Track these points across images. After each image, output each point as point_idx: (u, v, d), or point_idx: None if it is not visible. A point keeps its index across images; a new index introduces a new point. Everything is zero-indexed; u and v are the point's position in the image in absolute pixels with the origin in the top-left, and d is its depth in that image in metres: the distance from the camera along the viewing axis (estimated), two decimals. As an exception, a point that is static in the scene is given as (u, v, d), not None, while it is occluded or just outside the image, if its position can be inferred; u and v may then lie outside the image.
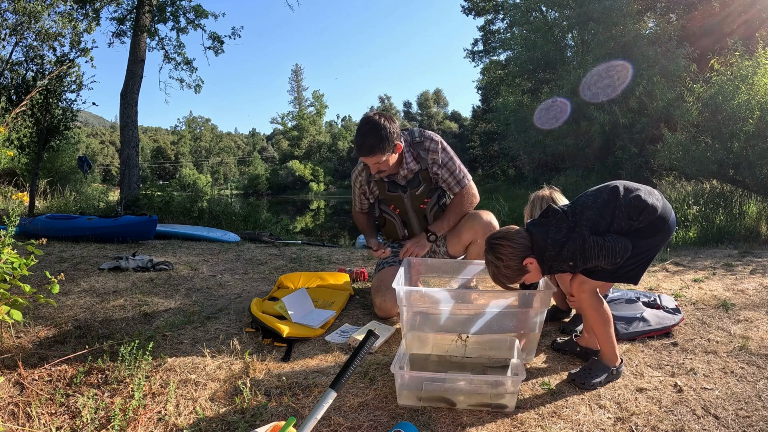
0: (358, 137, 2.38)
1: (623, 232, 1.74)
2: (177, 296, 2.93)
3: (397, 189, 2.61)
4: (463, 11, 28.18)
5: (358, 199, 2.79)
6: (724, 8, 12.42)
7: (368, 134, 2.33)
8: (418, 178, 2.60)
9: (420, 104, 53.00)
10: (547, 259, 1.76)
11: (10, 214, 1.91)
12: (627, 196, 1.75)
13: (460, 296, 2.07)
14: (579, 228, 1.72)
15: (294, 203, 34.11)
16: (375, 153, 2.34)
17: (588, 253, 1.70)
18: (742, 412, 1.67)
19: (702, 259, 4.15)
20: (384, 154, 2.36)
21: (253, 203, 10.12)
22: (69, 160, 11.14)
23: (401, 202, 2.64)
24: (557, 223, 1.76)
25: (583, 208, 1.77)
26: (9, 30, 7.65)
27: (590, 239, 1.70)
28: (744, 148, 5.78)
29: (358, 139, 2.38)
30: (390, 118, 2.39)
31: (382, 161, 2.38)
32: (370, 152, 2.35)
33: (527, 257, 1.77)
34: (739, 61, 6.40)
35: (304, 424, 1.28)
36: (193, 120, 71.20)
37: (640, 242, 1.75)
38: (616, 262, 1.72)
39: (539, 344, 2.14)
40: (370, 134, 2.33)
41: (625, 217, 1.73)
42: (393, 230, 2.76)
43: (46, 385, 1.77)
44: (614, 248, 1.69)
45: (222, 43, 10.61)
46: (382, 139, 2.32)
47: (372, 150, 2.33)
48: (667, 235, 1.79)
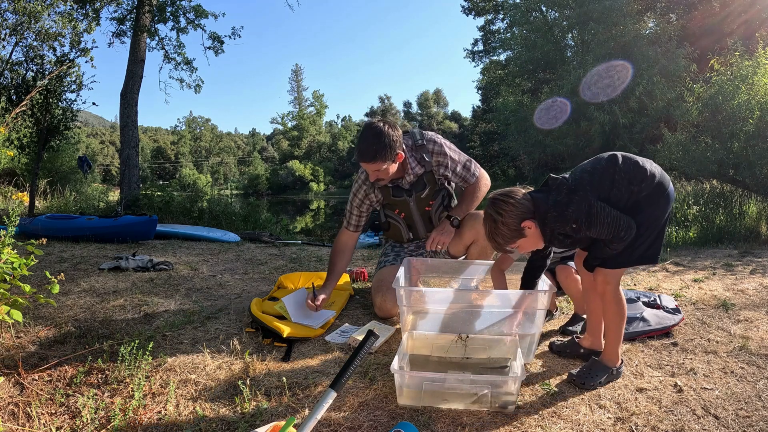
0: (360, 143, 2.37)
1: (623, 201, 1.74)
2: (177, 296, 2.93)
3: (402, 193, 2.60)
4: (463, 11, 28.20)
5: (356, 213, 2.65)
6: (724, 8, 12.41)
7: (370, 141, 2.32)
8: (422, 181, 2.59)
9: (420, 104, 53.04)
10: (549, 221, 1.74)
11: (10, 214, 1.90)
12: (626, 162, 1.75)
13: (461, 296, 2.07)
14: (582, 191, 1.71)
15: (294, 203, 34.12)
16: (376, 160, 2.33)
17: (594, 218, 1.68)
18: (742, 412, 1.67)
19: (702, 259, 4.15)
20: (385, 162, 2.35)
21: (253, 203, 10.12)
22: (69, 160, 11.14)
23: (406, 207, 2.64)
24: (558, 187, 1.76)
25: (583, 173, 1.78)
26: (9, 30, 7.66)
27: (597, 204, 1.69)
28: (744, 148, 5.77)
29: (361, 145, 2.36)
30: (393, 125, 2.39)
31: (381, 169, 2.37)
32: (371, 159, 2.33)
33: (527, 219, 1.75)
34: (739, 61, 6.40)
35: (304, 424, 1.28)
36: (193, 120, 71.23)
37: (644, 213, 1.74)
38: (620, 236, 1.69)
39: (539, 344, 2.14)
40: (373, 141, 2.31)
41: (625, 183, 1.73)
42: (398, 234, 2.76)
43: (46, 385, 1.77)
44: (619, 220, 1.68)
45: (222, 43, 10.62)
46: (384, 147, 2.31)
47: (373, 157, 2.32)
48: (668, 202, 1.79)
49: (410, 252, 2.78)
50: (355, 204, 2.64)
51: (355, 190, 2.65)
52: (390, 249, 2.81)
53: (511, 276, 2.35)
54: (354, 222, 2.66)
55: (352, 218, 2.66)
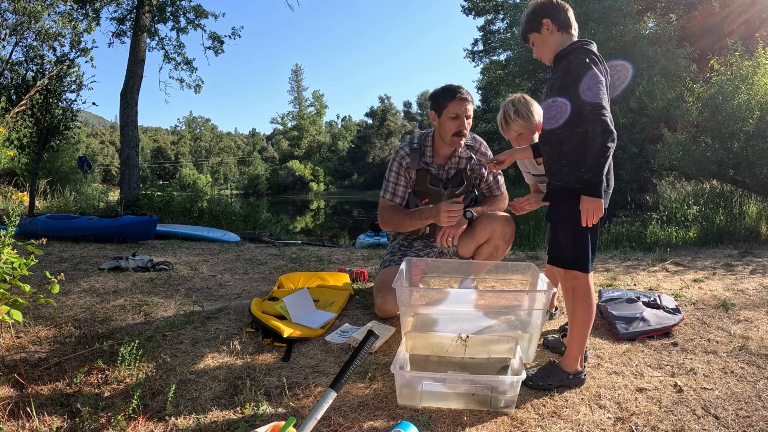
0: (452, 85, 2.47)
1: None
2: (177, 296, 2.93)
3: (439, 184, 2.62)
4: (463, 11, 28.15)
5: (402, 186, 2.59)
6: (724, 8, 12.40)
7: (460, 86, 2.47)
8: (461, 177, 2.63)
9: (420, 104, 53.01)
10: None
11: (10, 214, 1.91)
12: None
13: (461, 296, 2.07)
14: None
15: (294, 203, 34.10)
16: (471, 101, 2.47)
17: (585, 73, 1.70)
18: (742, 412, 1.67)
19: (702, 259, 4.15)
20: (472, 103, 2.49)
21: (253, 203, 10.13)
22: (69, 160, 11.13)
23: (437, 198, 2.62)
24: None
25: None
26: (9, 30, 7.66)
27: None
28: (744, 148, 5.77)
29: (453, 86, 2.46)
30: None
31: (469, 113, 2.47)
32: (471, 99, 2.48)
33: (547, 18, 1.83)
34: (739, 61, 6.40)
35: (304, 424, 1.28)
36: (193, 120, 71.25)
37: None
38: (606, 146, 1.64)
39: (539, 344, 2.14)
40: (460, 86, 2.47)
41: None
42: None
43: (46, 385, 1.77)
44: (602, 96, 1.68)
45: (222, 43, 10.64)
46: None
47: (472, 99, 2.47)
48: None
49: (417, 252, 2.74)
50: (400, 177, 2.61)
51: (397, 163, 2.61)
52: (397, 248, 2.76)
53: (510, 276, 2.35)
54: (402, 194, 2.62)
55: (396, 191, 2.61)
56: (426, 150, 2.58)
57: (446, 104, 2.44)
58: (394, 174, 2.60)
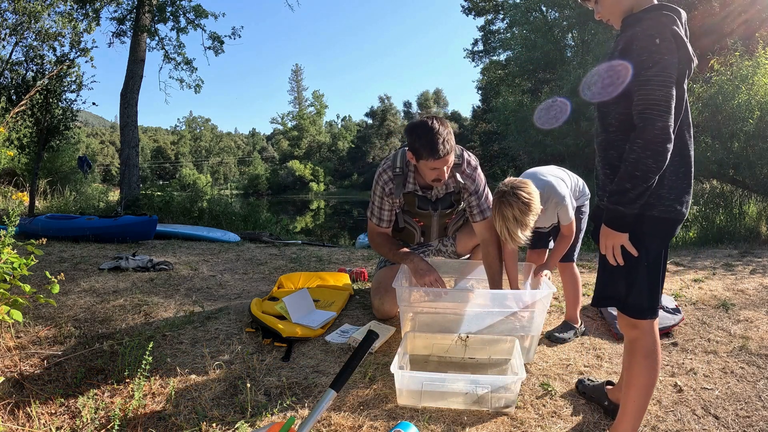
0: (432, 137, 2.09)
1: None
2: (177, 296, 2.93)
3: (428, 206, 2.46)
4: (463, 11, 28.15)
5: (387, 211, 2.42)
6: (724, 8, 12.39)
7: (444, 135, 2.11)
8: (450, 199, 2.46)
9: (420, 104, 52.97)
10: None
11: (10, 214, 1.90)
12: None
13: (460, 296, 2.07)
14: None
15: (294, 203, 34.08)
16: (452, 152, 2.16)
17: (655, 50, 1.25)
18: (742, 412, 1.67)
19: (702, 259, 4.15)
20: (453, 153, 2.18)
21: (253, 203, 10.13)
22: (69, 160, 11.13)
23: (429, 219, 2.54)
24: None
25: None
26: (9, 30, 7.66)
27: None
28: (744, 148, 5.78)
29: (433, 139, 2.09)
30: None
31: (449, 163, 2.18)
32: (450, 151, 2.14)
33: None
34: (739, 61, 6.40)
35: (304, 424, 1.28)
36: (193, 120, 71.21)
37: None
38: (644, 165, 1.25)
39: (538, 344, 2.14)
40: (447, 134, 2.12)
41: None
42: (410, 236, 2.67)
43: (46, 385, 1.77)
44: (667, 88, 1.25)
45: (222, 43, 10.62)
46: (452, 137, 2.15)
47: (452, 149, 2.14)
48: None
49: (413, 250, 2.71)
50: (384, 203, 2.43)
51: (380, 189, 2.41)
52: None
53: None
54: (388, 218, 2.46)
55: (382, 217, 2.45)
56: (409, 176, 2.37)
57: (426, 159, 2.15)
58: (378, 198, 2.42)
